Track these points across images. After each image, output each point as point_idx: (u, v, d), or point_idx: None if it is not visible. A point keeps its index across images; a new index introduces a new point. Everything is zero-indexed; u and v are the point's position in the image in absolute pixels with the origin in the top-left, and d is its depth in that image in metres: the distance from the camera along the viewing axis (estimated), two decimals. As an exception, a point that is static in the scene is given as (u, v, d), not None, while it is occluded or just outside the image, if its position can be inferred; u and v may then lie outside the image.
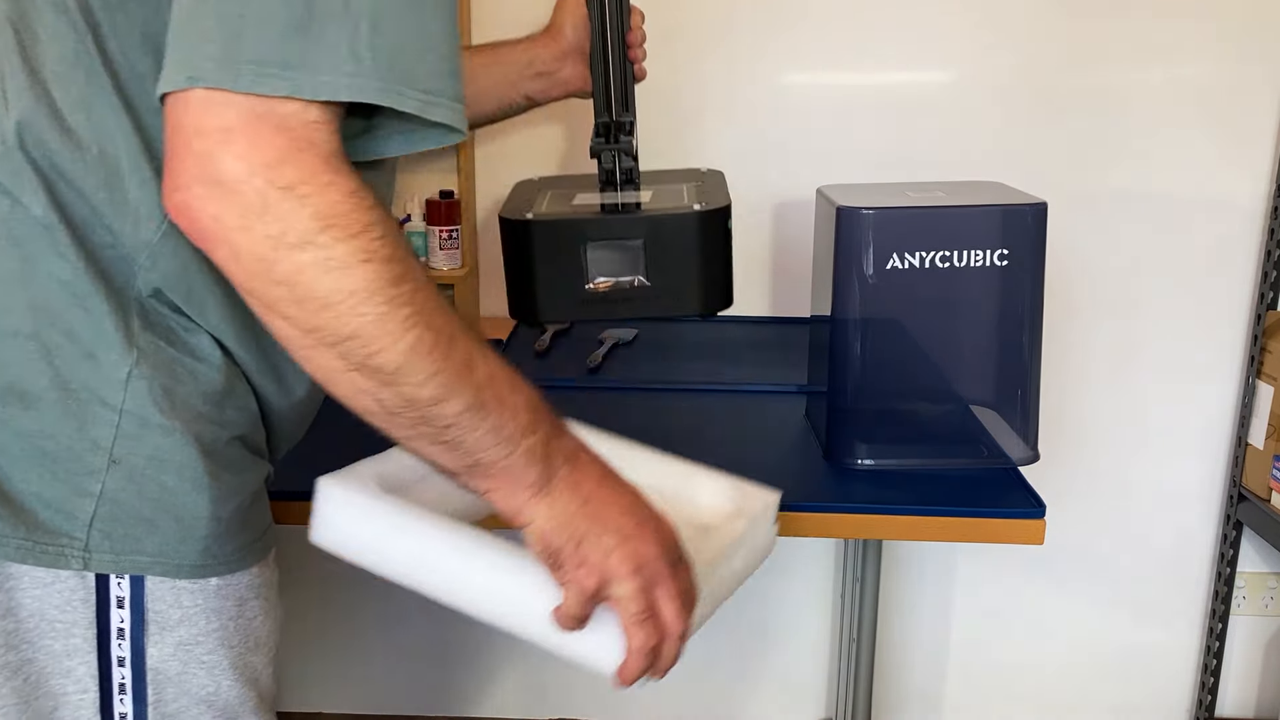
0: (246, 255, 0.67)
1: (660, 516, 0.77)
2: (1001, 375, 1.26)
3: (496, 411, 0.72)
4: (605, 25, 1.25)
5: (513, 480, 0.73)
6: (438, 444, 0.72)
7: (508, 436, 0.72)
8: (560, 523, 0.74)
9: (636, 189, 1.25)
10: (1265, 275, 1.86)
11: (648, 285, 1.16)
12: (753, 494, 0.94)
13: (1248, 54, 1.81)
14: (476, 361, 0.72)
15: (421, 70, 0.71)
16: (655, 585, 0.75)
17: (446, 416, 0.70)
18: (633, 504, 0.76)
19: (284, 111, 0.66)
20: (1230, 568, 1.99)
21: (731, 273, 1.20)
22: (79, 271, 0.78)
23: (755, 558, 0.92)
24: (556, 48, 1.29)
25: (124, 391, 0.79)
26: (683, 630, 0.76)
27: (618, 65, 1.26)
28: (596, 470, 0.76)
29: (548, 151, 1.88)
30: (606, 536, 0.74)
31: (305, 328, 0.68)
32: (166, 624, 0.83)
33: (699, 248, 1.16)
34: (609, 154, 1.25)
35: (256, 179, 0.65)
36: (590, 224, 1.16)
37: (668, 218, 1.15)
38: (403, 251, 0.70)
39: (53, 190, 0.78)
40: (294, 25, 0.66)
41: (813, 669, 2.10)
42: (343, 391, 0.71)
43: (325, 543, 0.84)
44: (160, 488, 0.81)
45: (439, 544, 0.79)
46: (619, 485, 0.77)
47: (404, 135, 0.76)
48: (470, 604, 0.79)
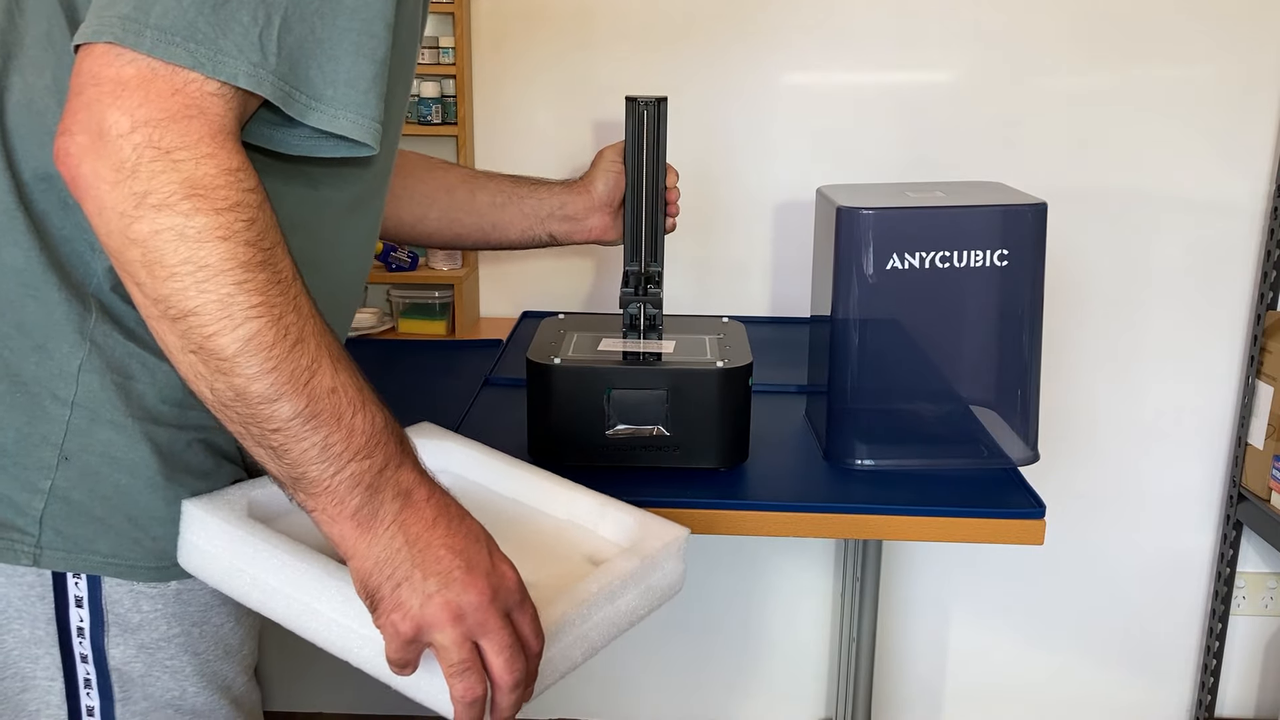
0: (110, 210, 0.66)
1: (498, 562, 0.73)
2: (1001, 375, 1.26)
3: (329, 427, 0.69)
4: (641, 180, 1.30)
5: (335, 504, 0.70)
6: (264, 447, 0.70)
7: (335, 455, 0.69)
8: (379, 562, 0.70)
9: (660, 337, 1.30)
10: (1265, 275, 1.86)
11: (667, 436, 1.20)
12: (656, 530, 0.90)
13: (1248, 54, 1.81)
14: (321, 371, 0.69)
15: (320, 78, 0.72)
16: (481, 634, 0.71)
17: (275, 420, 0.68)
18: (465, 548, 0.71)
19: (184, 77, 0.67)
20: (1230, 568, 1.99)
21: (749, 427, 1.24)
22: (32, 260, 0.77)
23: (652, 596, 0.87)
24: (588, 199, 1.34)
25: (75, 385, 0.79)
26: (515, 680, 0.71)
27: (650, 219, 1.31)
28: (431, 511, 0.72)
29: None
30: (430, 580, 0.70)
31: (153, 296, 0.67)
32: (127, 626, 0.82)
33: (720, 404, 1.19)
34: (637, 305, 1.31)
35: (137, 135, 0.65)
36: (615, 373, 1.19)
37: (691, 373, 1.19)
38: (269, 241, 0.69)
39: (17, 176, 0.77)
40: (209, 2, 0.67)
41: (813, 669, 2.10)
42: (184, 374, 0.70)
43: (189, 566, 0.82)
44: (113, 487, 0.80)
45: (292, 574, 0.77)
46: (456, 528, 0.72)
47: (315, 139, 0.77)
48: (321, 638, 0.77)
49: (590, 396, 1.19)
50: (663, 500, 1.17)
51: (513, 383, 1.48)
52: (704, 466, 1.22)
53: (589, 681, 2.12)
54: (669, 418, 1.19)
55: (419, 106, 1.79)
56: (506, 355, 1.62)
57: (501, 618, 0.71)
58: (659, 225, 1.32)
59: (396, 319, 1.83)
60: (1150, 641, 2.08)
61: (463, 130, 1.80)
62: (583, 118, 1.85)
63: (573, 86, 1.84)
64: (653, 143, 1.29)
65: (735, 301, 1.91)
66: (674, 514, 1.18)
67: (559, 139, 1.86)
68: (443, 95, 1.79)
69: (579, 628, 0.79)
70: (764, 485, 1.22)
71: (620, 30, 1.82)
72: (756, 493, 1.21)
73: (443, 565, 0.70)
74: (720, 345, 1.27)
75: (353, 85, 0.74)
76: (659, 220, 1.32)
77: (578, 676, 2.12)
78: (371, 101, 0.75)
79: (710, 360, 1.21)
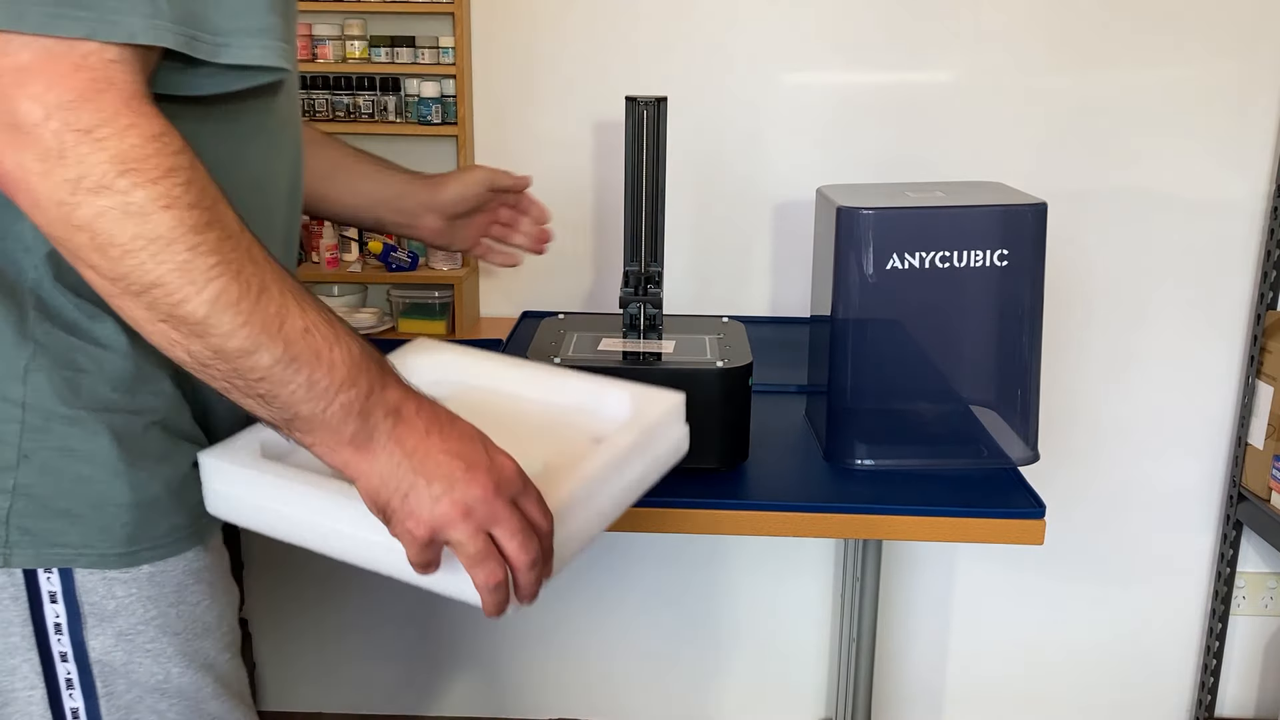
0: (46, 200, 0.66)
1: (495, 455, 0.76)
2: (1001, 375, 1.26)
3: (310, 366, 0.71)
4: (641, 180, 1.30)
5: (331, 435, 0.73)
6: (252, 396, 0.71)
7: (322, 391, 0.71)
8: (384, 478, 0.73)
9: (660, 337, 1.30)
10: (1265, 275, 1.86)
11: None
12: (653, 400, 0.95)
13: (1248, 54, 1.81)
14: (290, 314, 0.71)
15: (218, 13, 0.72)
16: (491, 524, 0.74)
17: (258, 370, 0.70)
18: (461, 449, 0.74)
19: (83, 50, 0.66)
20: (1230, 568, 1.99)
21: (749, 427, 1.24)
22: None
23: (659, 462, 0.93)
24: (428, 199, 1.27)
25: (23, 385, 0.79)
26: (531, 560, 0.75)
27: (650, 219, 1.31)
28: (423, 422, 0.75)
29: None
30: (435, 485, 0.73)
31: (110, 276, 0.67)
32: (104, 615, 0.82)
33: (720, 404, 1.20)
34: (636, 305, 1.30)
35: (53, 121, 0.65)
36: (615, 373, 1.19)
37: (691, 373, 1.19)
38: (209, 199, 0.69)
39: None
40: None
41: (813, 669, 2.10)
42: (157, 343, 0.71)
43: (219, 513, 0.87)
44: (76, 478, 0.80)
45: (312, 503, 0.81)
46: (449, 433, 0.75)
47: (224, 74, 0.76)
48: (350, 555, 0.81)
49: None
50: (663, 500, 1.18)
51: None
52: (704, 466, 1.22)
53: (589, 681, 2.12)
54: None
55: (419, 106, 1.79)
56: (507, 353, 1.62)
57: (508, 506, 0.74)
58: (659, 225, 1.32)
59: (396, 319, 1.83)
60: (1150, 641, 2.08)
61: (463, 130, 1.80)
62: (583, 118, 1.85)
63: (573, 86, 1.84)
64: (653, 143, 1.29)
65: (735, 301, 1.91)
66: (674, 514, 1.19)
67: (559, 139, 1.86)
68: (443, 95, 1.79)
69: (589, 503, 0.84)
70: (764, 485, 1.22)
71: (620, 30, 1.82)
72: (756, 493, 1.21)
73: (443, 469, 0.73)
74: (720, 345, 1.27)
75: (252, 12, 0.73)
76: (659, 220, 1.32)
77: (577, 676, 2.12)
78: (275, 24, 0.75)
79: (710, 360, 1.21)
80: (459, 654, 2.11)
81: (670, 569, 2.04)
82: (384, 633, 2.09)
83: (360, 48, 1.79)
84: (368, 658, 2.11)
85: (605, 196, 1.88)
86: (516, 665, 2.11)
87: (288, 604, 2.06)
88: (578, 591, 2.06)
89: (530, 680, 2.12)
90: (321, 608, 2.07)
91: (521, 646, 2.10)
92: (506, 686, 2.13)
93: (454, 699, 2.14)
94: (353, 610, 2.08)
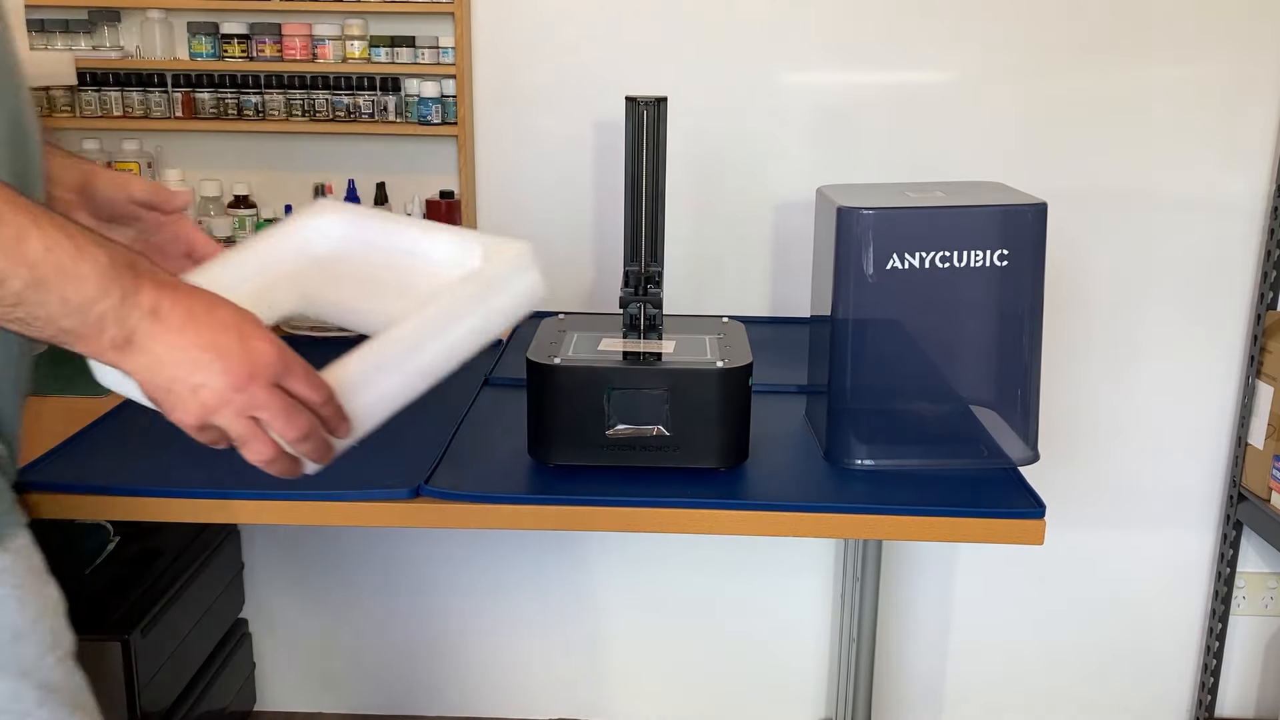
0: None
1: (251, 341, 0.77)
2: (1001, 375, 1.26)
3: (59, 284, 0.72)
4: (641, 180, 1.29)
5: (95, 342, 0.75)
6: (14, 322, 0.73)
7: (77, 306, 0.73)
8: (150, 374, 0.76)
9: (660, 337, 1.30)
10: (1265, 275, 1.86)
11: (667, 435, 1.20)
12: (496, 253, 0.94)
13: (1247, 54, 1.81)
14: (29, 236, 0.71)
15: None
16: (253, 408, 0.77)
17: (9, 297, 0.71)
18: (214, 341, 0.76)
19: None
20: (1230, 568, 1.99)
21: (749, 427, 1.24)
22: None
23: (502, 313, 0.93)
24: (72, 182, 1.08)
25: None
26: (300, 433, 0.78)
27: (650, 219, 1.30)
28: (179, 319, 0.76)
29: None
30: (195, 375, 0.75)
31: None
32: None
33: (720, 404, 1.20)
34: (637, 305, 1.30)
35: None
36: (615, 373, 1.20)
37: (691, 373, 1.19)
38: None
39: None
40: None
41: (813, 669, 2.10)
42: None
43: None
44: None
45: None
46: (203, 326, 0.77)
47: None
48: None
49: (590, 396, 1.19)
50: (663, 500, 1.18)
51: (513, 382, 1.48)
52: (704, 466, 1.22)
53: (589, 681, 2.12)
54: (669, 417, 1.19)
55: (419, 106, 1.79)
56: (506, 355, 1.62)
57: (267, 389, 0.77)
58: (659, 225, 1.32)
59: (396, 319, 1.83)
60: (1150, 641, 2.08)
61: (463, 130, 1.80)
62: (583, 118, 1.85)
63: (573, 86, 1.84)
64: (653, 143, 1.29)
65: (735, 301, 1.91)
66: (674, 514, 1.19)
67: (559, 139, 1.86)
68: (443, 95, 1.79)
69: (412, 359, 0.85)
70: (764, 485, 1.22)
71: (620, 30, 1.82)
72: (756, 493, 1.21)
73: (198, 362, 0.76)
74: (720, 345, 1.27)
75: None
76: (659, 220, 1.32)
77: (577, 676, 2.12)
78: None
79: (710, 360, 1.21)
80: (459, 654, 2.11)
81: (670, 569, 2.04)
82: (384, 633, 2.09)
83: (360, 48, 1.79)
84: (368, 658, 2.11)
85: (605, 196, 1.88)
86: (516, 665, 2.11)
87: (288, 604, 2.06)
88: (577, 591, 2.06)
89: (530, 680, 2.12)
90: (321, 608, 2.07)
91: (521, 646, 2.10)
92: (506, 686, 2.13)
93: (454, 699, 2.14)
94: (353, 610, 2.08)
